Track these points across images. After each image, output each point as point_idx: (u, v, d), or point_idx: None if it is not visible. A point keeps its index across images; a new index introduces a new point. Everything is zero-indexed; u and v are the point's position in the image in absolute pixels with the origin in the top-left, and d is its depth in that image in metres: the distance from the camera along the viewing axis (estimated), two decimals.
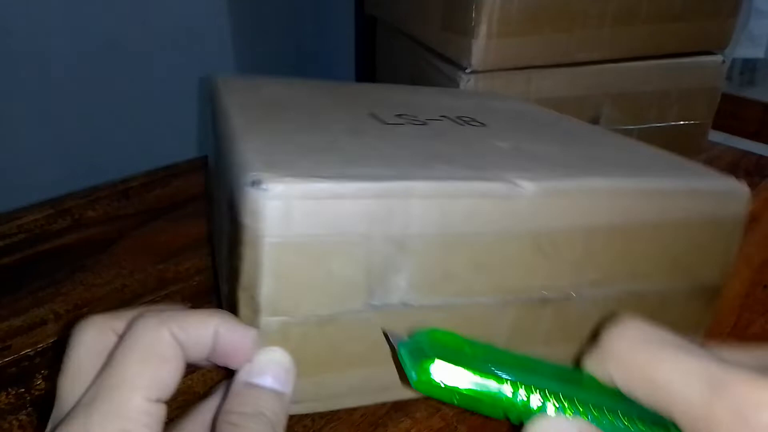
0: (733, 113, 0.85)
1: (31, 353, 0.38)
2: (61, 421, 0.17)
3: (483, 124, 0.35)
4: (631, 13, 0.51)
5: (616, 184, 0.28)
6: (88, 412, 0.17)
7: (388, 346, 0.25)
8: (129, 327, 0.20)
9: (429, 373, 0.18)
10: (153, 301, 0.42)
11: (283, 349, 0.22)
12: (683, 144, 0.59)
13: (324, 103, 0.36)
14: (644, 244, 0.29)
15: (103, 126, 0.91)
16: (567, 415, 0.16)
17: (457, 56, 0.51)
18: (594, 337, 0.18)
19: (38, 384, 0.35)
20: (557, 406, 0.17)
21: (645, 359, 0.16)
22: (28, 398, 0.34)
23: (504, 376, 0.18)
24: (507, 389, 0.17)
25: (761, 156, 0.67)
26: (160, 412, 0.18)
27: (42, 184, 0.68)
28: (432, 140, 0.30)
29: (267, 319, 0.23)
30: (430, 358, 0.18)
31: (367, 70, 0.91)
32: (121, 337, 0.19)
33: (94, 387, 0.18)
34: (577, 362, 0.19)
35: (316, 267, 0.23)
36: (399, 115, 0.34)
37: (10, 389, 0.35)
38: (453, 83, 0.51)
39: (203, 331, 0.20)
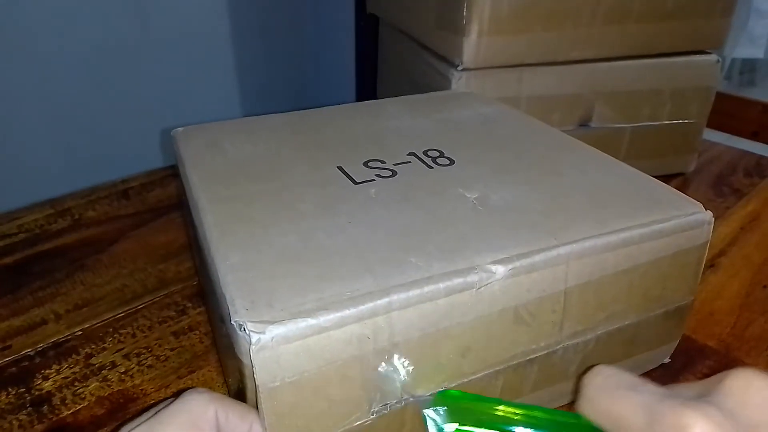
0: (733, 113, 0.85)
1: (31, 353, 0.38)
2: None
3: (451, 161, 0.35)
4: (623, 12, 0.51)
5: (582, 247, 0.28)
6: None
7: None
8: (182, 394, 0.22)
9: None
10: (153, 302, 0.42)
11: None
12: (676, 143, 0.59)
13: (291, 165, 0.35)
14: (617, 290, 0.30)
15: (103, 126, 0.91)
16: None
17: (450, 54, 0.51)
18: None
19: (38, 384, 0.35)
20: None
21: (606, 400, 0.20)
22: (28, 398, 0.34)
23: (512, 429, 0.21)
24: None
25: (761, 156, 0.67)
26: None
27: (42, 184, 0.68)
28: (402, 209, 0.30)
29: None
30: (451, 422, 0.22)
31: (368, 70, 0.91)
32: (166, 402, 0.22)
33: None
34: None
35: (315, 398, 0.24)
36: (367, 164, 0.35)
37: (10, 389, 0.35)
38: (446, 81, 0.51)
39: (240, 422, 0.22)
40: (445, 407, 0.24)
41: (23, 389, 0.35)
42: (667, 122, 0.57)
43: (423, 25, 0.56)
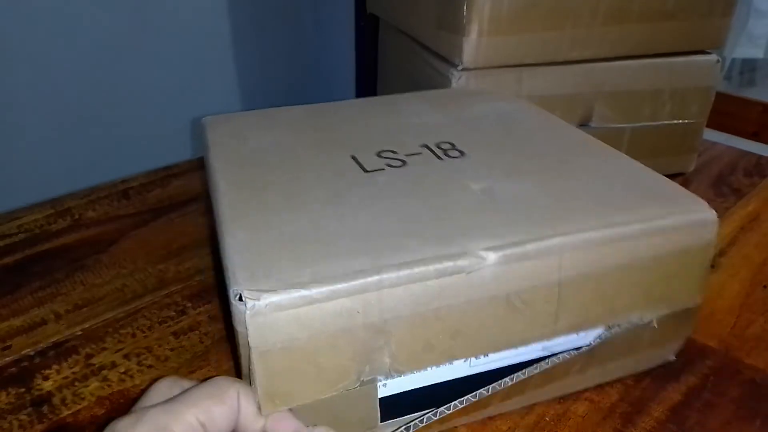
0: (733, 113, 0.85)
1: (31, 353, 0.38)
2: (139, 412, 0.23)
3: (462, 153, 0.36)
4: (623, 12, 0.51)
5: (578, 239, 0.28)
6: (155, 411, 0.23)
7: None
8: (209, 378, 0.25)
9: None
10: (153, 302, 0.42)
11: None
12: (676, 143, 0.59)
13: (307, 154, 0.36)
14: (617, 284, 0.30)
15: (103, 126, 0.91)
16: None
17: (450, 54, 0.51)
18: None
19: (38, 384, 0.35)
20: None
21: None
22: (28, 398, 0.34)
23: None
24: None
25: (761, 156, 0.67)
26: None
27: (42, 184, 0.68)
28: (407, 197, 0.31)
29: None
30: None
31: (368, 70, 0.91)
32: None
33: (170, 400, 0.23)
34: None
35: (305, 363, 0.25)
36: (380, 154, 0.36)
37: (10, 389, 0.35)
38: (446, 81, 0.51)
39: (253, 407, 0.25)
40: None
41: (23, 389, 0.35)
42: (667, 122, 0.57)
43: (423, 25, 0.56)
